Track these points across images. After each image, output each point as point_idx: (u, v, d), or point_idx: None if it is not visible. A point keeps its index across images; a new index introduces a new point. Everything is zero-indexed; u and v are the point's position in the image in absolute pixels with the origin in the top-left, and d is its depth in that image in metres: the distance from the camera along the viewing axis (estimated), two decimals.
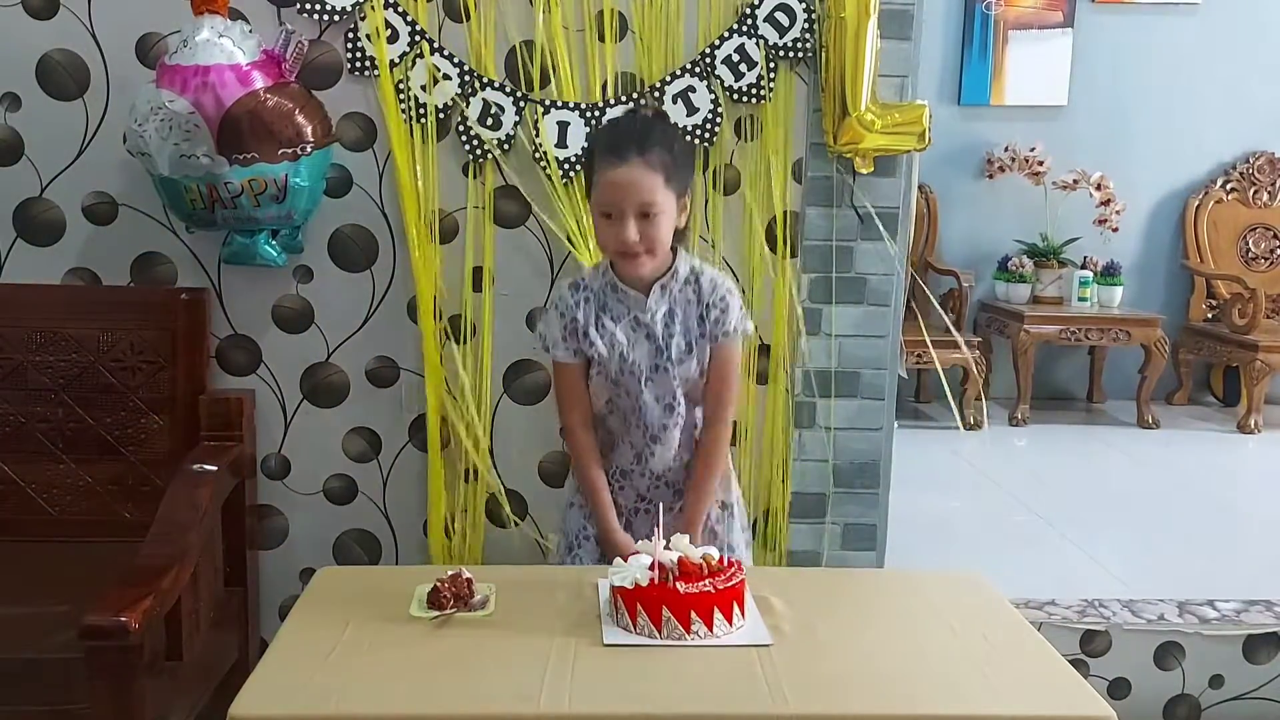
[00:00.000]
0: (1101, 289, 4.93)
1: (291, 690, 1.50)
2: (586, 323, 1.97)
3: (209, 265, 2.42)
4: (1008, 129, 5.06)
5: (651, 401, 1.99)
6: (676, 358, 1.96)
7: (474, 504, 2.53)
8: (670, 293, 1.96)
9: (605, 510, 2.04)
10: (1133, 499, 3.89)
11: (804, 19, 2.37)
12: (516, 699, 1.49)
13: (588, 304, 1.98)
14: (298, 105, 2.20)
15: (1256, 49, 5.08)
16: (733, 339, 1.99)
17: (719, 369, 2.00)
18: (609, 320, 1.97)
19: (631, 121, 2.00)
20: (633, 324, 1.97)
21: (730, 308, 1.98)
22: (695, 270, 1.99)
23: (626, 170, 1.83)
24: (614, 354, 1.97)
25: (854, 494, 2.58)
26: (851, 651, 1.67)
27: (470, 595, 1.74)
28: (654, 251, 1.89)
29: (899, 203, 2.49)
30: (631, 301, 1.97)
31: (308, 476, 2.53)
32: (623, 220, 1.85)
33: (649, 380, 1.97)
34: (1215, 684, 2.63)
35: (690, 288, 1.97)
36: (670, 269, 1.96)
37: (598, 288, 1.99)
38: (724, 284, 2.00)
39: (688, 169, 1.96)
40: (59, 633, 1.80)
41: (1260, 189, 5.20)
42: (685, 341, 1.97)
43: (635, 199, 1.83)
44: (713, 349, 1.99)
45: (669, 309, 1.96)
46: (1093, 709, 1.52)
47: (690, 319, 1.97)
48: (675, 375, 1.97)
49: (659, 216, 1.85)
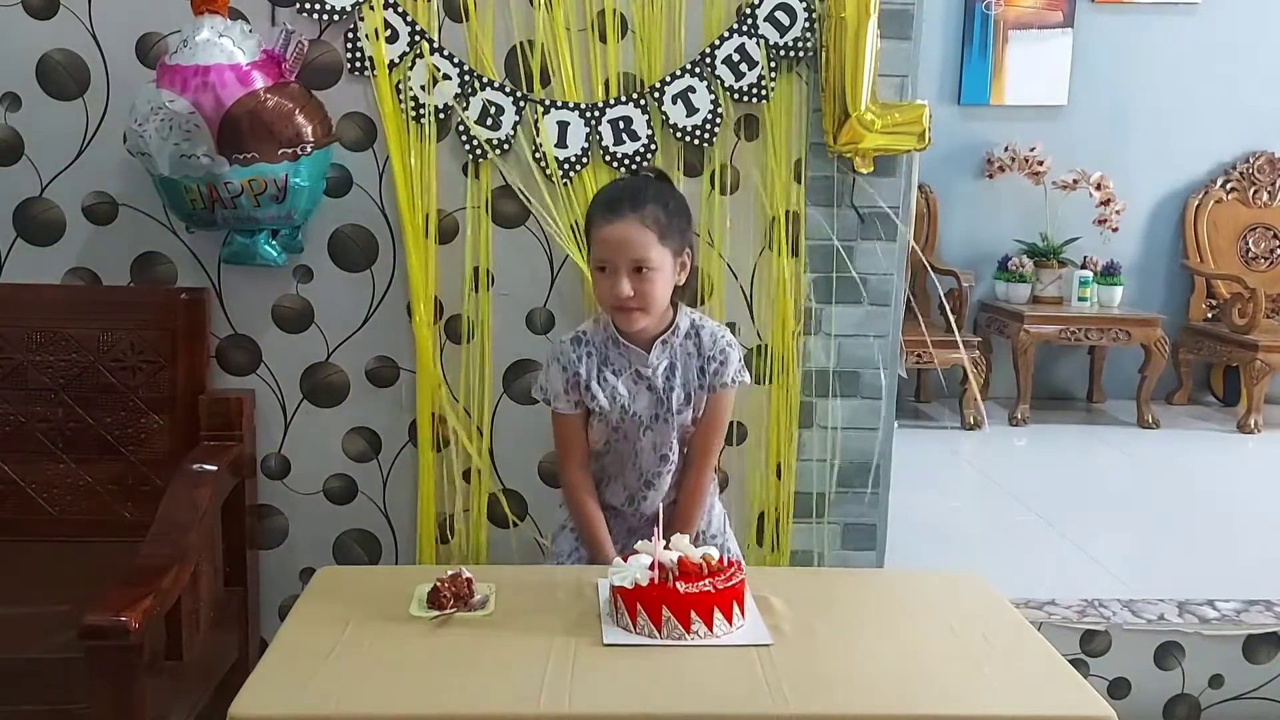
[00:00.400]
0: (1101, 289, 4.93)
1: (291, 690, 1.50)
2: (589, 377, 2.01)
3: (209, 265, 2.42)
4: (1008, 129, 5.06)
5: (649, 449, 2.06)
6: (676, 409, 2.02)
7: (476, 504, 2.53)
8: (671, 347, 2.02)
9: (602, 544, 2.08)
10: (1133, 499, 3.89)
11: (804, 19, 2.37)
12: (516, 699, 1.49)
13: (590, 358, 2.02)
14: (298, 105, 2.20)
15: (1256, 49, 5.08)
16: (730, 390, 2.05)
17: (712, 417, 2.07)
18: (610, 374, 2.02)
19: (628, 181, 2.08)
20: (634, 377, 2.02)
21: (730, 360, 2.03)
22: (696, 324, 2.04)
23: (620, 226, 1.89)
24: (615, 405, 2.02)
25: (854, 494, 2.58)
26: (851, 651, 1.67)
27: (470, 595, 1.75)
28: (648, 309, 1.93)
29: (899, 203, 2.49)
30: (633, 356, 2.01)
31: (308, 476, 2.53)
32: (616, 275, 1.90)
33: (648, 429, 2.04)
34: (1215, 684, 2.63)
35: (691, 341, 2.03)
36: (671, 325, 2.01)
37: (599, 342, 2.03)
38: (724, 337, 2.05)
39: (684, 227, 1.99)
40: (59, 632, 1.80)
41: (1260, 189, 5.20)
42: (685, 393, 2.03)
43: (628, 254, 1.89)
44: (709, 398, 2.05)
45: (670, 363, 2.02)
46: (1093, 709, 1.52)
47: (690, 371, 2.02)
48: (674, 425, 2.03)
49: (653, 274, 1.90)
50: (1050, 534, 3.45)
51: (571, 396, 2.03)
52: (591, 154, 2.41)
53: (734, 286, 2.49)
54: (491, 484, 2.52)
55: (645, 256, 1.89)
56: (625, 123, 2.40)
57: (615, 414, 2.02)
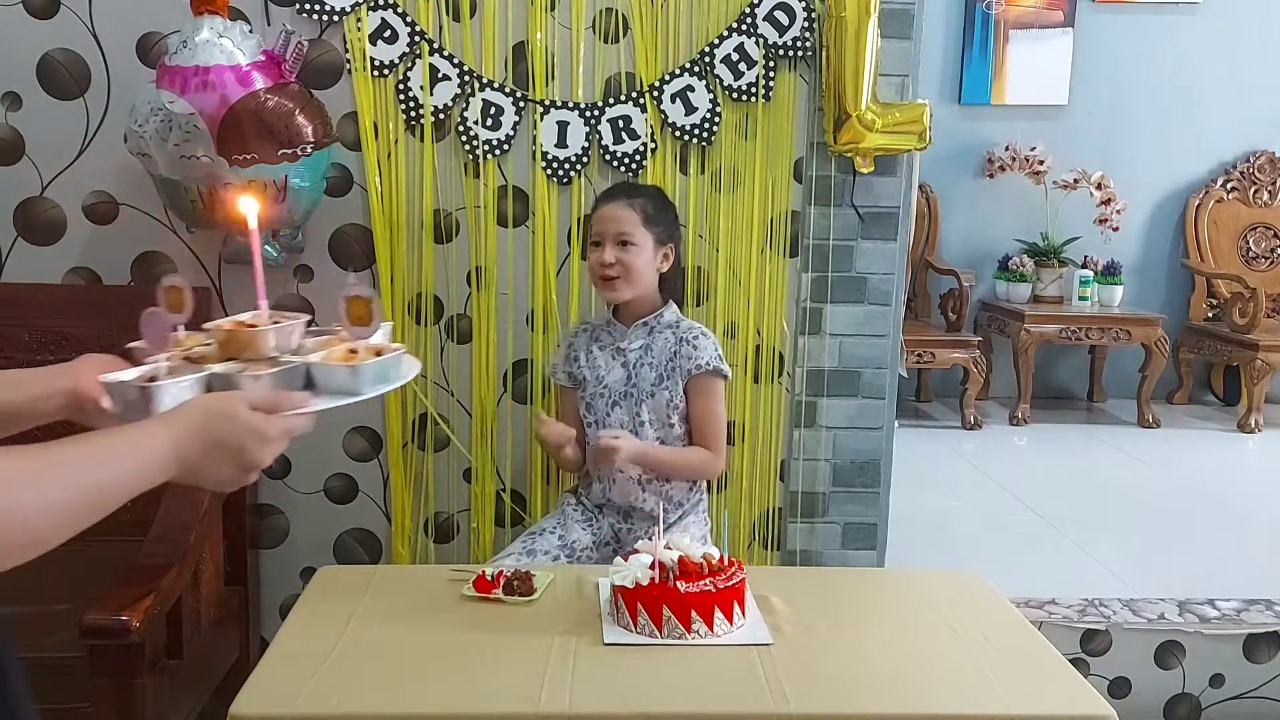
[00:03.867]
0: (1102, 288, 4.93)
1: (291, 690, 1.51)
2: (578, 349, 2.28)
3: (209, 265, 2.43)
4: (1008, 128, 5.05)
5: (616, 426, 2.19)
6: (646, 389, 2.20)
7: (477, 504, 2.53)
8: (652, 330, 2.22)
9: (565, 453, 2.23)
10: (1133, 499, 3.88)
11: (803, 18, 2.37)
12: (516, 699, 1.49)
13: (586, 334, 2.30)
14: (298, 105, 2.20)
15: (1256, 48, 5.07)
16: (706, 376, 2.18)
17: (698, 407, 2.21)
18: (597, 348, 2.26)
19: (630, 181, 2.38)
20: (614, 352, 2.24)
21: (701, 346, 2.19)
22: (680, 319, 2.25)
23: (612, 206, 2.18)
24: (593, 376, 2.24)
25: (854, 493, 2.59)
26: (852, 651, 1.67)
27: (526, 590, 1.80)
28: (629, 279, 2.16)
29: (899, 202, 2.49)
30: (617, 333, 2.24)
31: (308, 475, 2.53)
32: (604, 246, 2.15)
33: (616, 404, 2.21)
34: (1216, 683, 2.63)
35: (671, 331, 2.22)
36: (656, 312, 2.22)
37: (598, 324, 2.30)
38: (700, 328, 2.24)
39: (670, 224, 2.22)
40: (60, 631, 1.80)
41: (1261, 188, 5.20)
42: (655, 374, 2.20)
43: (613, 229, 2.15)
44: (688, 388, 2.19)
45: (646, 344, 2.21)
46: (1093, 708, 1.52)
47: (663, 355, 2.21)
48: (642, 404, 2.19)
49: (635, 249, 2.15)
50: (1050, 534, 3.45)
51: (565, 368, 2.29)
52: (591, 153, 2.41)
53: (734, 286, 2.49)
54: (492, 484, 2.53)
55: (630, 232, 2.15)
56: (624, 122, 2.40)
57: (592, 384, 2.23)
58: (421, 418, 2.50)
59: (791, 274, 2.49)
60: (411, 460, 2.52)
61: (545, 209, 2.43)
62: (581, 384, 2.25)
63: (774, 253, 2.48)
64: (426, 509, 2.53)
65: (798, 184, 2.46)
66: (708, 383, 2.19)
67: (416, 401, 2.48)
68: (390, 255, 2.43)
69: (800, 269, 2.49)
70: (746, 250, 2.47)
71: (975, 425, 4.68)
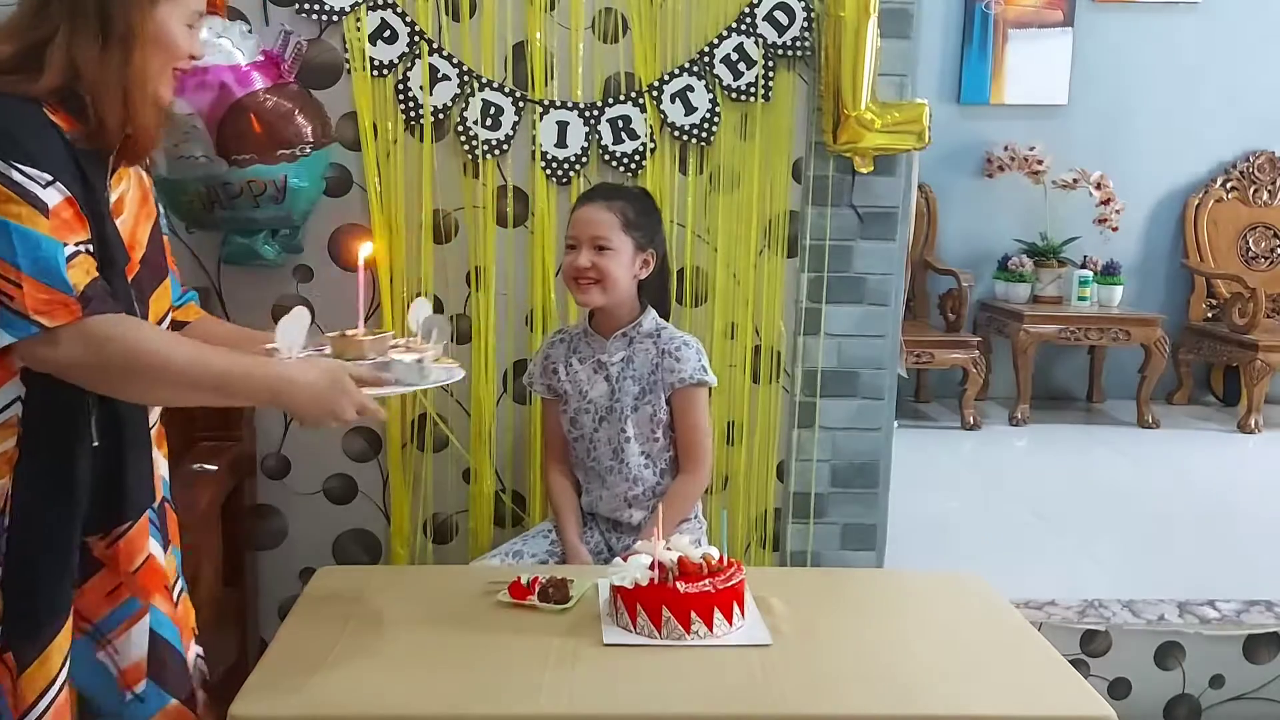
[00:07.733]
0: (1101, 288, 4.93)
1: (291, 690, 1.50)
2: (557, 361, 2.21)
3: (209, 265, 2.42)
4: (1007, 128, 5.05)
5: (603, 442, 2.18)
6: (630, 403, 2.15)
7: (476, 504, 2.52)
8: (631, 341, 2.16)
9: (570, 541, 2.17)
10: (1133, 499, 3.88)
11: (803, 18, 2.37)
12: (516, 699, 1.49)
13: (563, 344, 2.23)
14: (297, 105, 2.20)
15: (1257, 48, 5.07)
16: (690, 388, 2.14)
17: (683, 419, 2.16)
18: (576, 361, 2.20)
19: (612, 182, 2.31)
20: (595, 365, 2.18)
21: (684, 356, 2.14)
22: (660, 327, 2.18)
23: (589, 209, 2.11)
24: (575, 391, 2.18)
25: (854, 494, 2.58)
26: (851, 651, 1.67)
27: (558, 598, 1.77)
28: (603, 285, 2.09)
29: (898, 202, 2.49)
30: (597, 346, 2.18)
31: (307, 476, 2.52)
32: (579, 250, 2.09)
33: (603, 420, 2.17)
34: (1216, 684, 2.62)
35: (651, 340, 2.16)
36: (635, 321, 2.16)
37: (574, 333, 2.23)
38: (682, 337, 2.17)
39: (651, 228, 2.15)
40: None
41: (1260, 188, 5.20)
42: (639, 387, 2.15)
43: (589, 232, 2.08)
44: (672, 400, 2.15)
45: (627, 356, 2.16)
46: (1093, 709, 1.52)
47: (645, 366, 2.15)
48: (626, 419, 2.14)
49: (611, 253, 2.08)
50: (1050, 534, 3.45)
51: (544, 380, 2.23)
52: (590, 154, 2.41)
53: (733, 286, 2.48)
54: (491, 484, 2.52)
55: (606, 236, 2.07)
56: (624, 122, 2.40)
57: (574, 402, 2.18)
58: (421, 418, 2.49)
59: (790, 274, 2.49)
60: (410, 461, 2.52)
61: (545, 209, 2.42)
62: (563, 397, 2.20)
63: (773, 253, 2.48)
64: (425, 509, 2.53)
65: (797, 184, 2.46)
66: (692, 395, 2.15)
67: (416, 402, 2.48)
68: (389, 255, 2.43)
69: (799, 269, 2.49)
70: (745, 250, 2.47)
71: (974, 426, 4.67)
